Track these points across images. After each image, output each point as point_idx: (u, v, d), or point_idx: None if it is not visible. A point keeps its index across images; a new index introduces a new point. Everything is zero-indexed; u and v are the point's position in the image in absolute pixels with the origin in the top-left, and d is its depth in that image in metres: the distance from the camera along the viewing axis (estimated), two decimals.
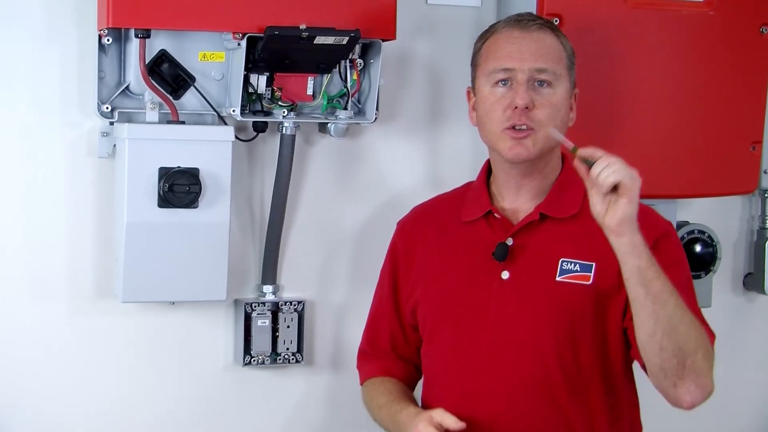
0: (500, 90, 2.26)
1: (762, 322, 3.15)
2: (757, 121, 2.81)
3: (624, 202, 2.03)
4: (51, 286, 2.57)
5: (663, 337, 2.06)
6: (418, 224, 2.44)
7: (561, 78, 2.27)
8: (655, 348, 2.07)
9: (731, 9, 2.73)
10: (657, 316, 2.05)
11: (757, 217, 3.09)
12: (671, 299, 2.06)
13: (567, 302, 2.19)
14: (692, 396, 2.11)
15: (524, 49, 2.26)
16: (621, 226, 2.04)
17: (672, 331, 2.06)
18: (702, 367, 2.09)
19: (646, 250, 2.05)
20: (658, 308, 2.05)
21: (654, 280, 2.05)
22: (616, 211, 2.03)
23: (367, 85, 2.62)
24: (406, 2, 2.69)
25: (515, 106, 2.22)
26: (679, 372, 2.08)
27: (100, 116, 2.51)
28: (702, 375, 2.09)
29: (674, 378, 2.09)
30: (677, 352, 2.07)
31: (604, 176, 2.03)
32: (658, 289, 2.05)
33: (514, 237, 2.27)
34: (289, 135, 2.59)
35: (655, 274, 2.05)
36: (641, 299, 2.06)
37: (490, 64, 2.28)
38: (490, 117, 2.27)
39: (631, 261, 2.05)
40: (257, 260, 2.71)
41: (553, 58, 2.27)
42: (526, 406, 2.22)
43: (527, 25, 2.28)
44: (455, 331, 2.29)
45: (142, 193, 2.42)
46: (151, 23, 2.40)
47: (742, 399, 3.15)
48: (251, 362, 2.67)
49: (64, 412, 2.60)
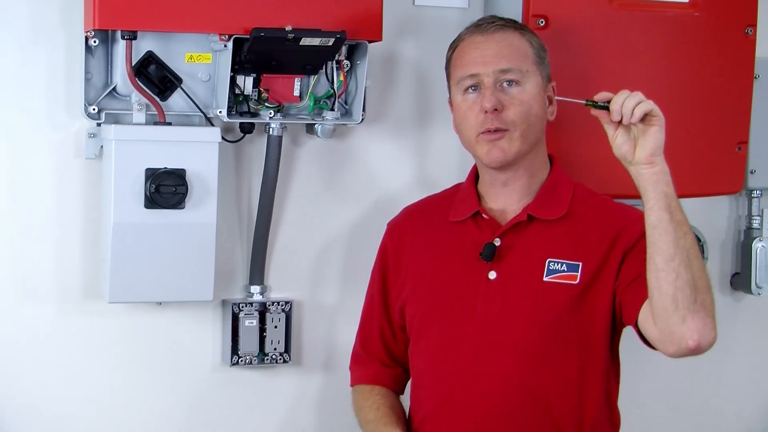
0: (471, 96, 2.29)
1: (749, 321, 3.15)
2: (743, 121, 2.82)
3: (656, 130, 2.10)
4: (38, 286, 2.57)
5: (681, 264, 2.07)
6: (407, 225, 2.45)
7: (529, 75, 2.28)
8: (671, 275, 2.07)
9: (716, 10, 2.73)
10: (677, 243, 2.07)
11: (744, 217, 3.10)
12: (690, 235, 2.09)
13: (554, 302, 2.20)
14: (700, 334, 2.08)
15: (487, 52, 2.28)
16: (654, 156, 2.10)
17: (689, 263, 2.07)
18: (712, 309, 2.10)
19: (671, 180, 2.11)
20: (679, 236, 2.08)
21: (678, 210, 2.10)
22: (647, 142, 2.10)
23: (354, 86, 2.63)
24: (394, 3, 2.70)
25: (485, 110, 2.24)
26: (690, 305, 2.07)
27: (87, 117, 2.51)
28: (710, 317, 2.09)
29: (684, 311, 2.07)
30: (692, 283, 2.07)
31: (630, 107, 2.09)
32: (680, 219, 2.09)
33: (501, 237, 2.29)
34: (276, 136, 2.60)
35: (678, 206, 2.10)
36: (665, 224, 2.08)
37: (458, 72, 2.32)
38: (465, 124, 2.30)
39: (660, 188, 2.10)
40: (245, 261, 2.71)
41: (518, 57, 2.29)
42: (512, 406, 2.23)
43: (487, 28, 2.31)
44: (442, 330, 2.30)
45: (128, 194, 2.42)
46: (137, 25, 2.41)
47: (731, 398, 3.15)
48: (239, 362, 2.68)
49: (52, 412, 2.60)
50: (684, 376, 3.05)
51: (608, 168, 2.67)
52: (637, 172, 2.12)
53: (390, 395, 2.44)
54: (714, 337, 2.10)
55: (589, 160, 2.66)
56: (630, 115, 2.10)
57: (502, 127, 2.25)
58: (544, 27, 2.60)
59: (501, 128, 2.25)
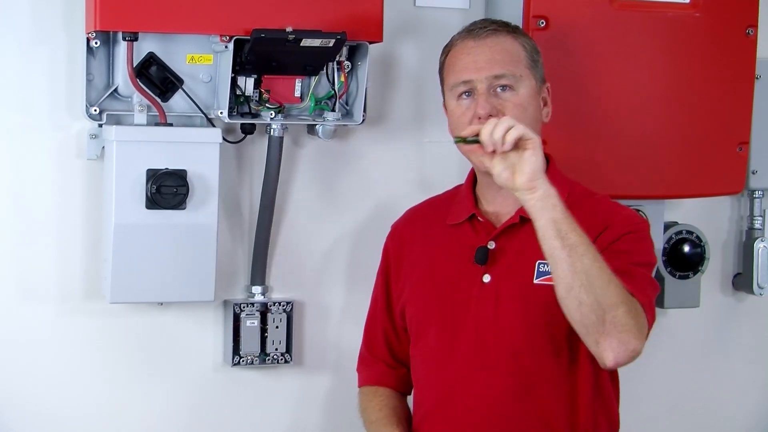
0: (465, 102, 2.29)
1: (751, 322, 3.16)
2: (744, 122, 2.82)
3: (530, 153, 2.04)
4: (40, 287, 2.58)
5: (581, 290, 2.02)
6: (408, 227, 2.46)
7: (522, 79, 2.28)
8: (573, 303, 2.04)
9: (717, 10, 2.73)
10: (574, 269, 2.03)
11: (746, 217, 3.10)
12: (588, 253, 2.03)
13: (544, 304, 2.18)
14: (615, 353, 2.05)
15: (479, 58, 2.28)
16: (533, 180, 2.04)
17: (590, 285, 2.02)
18: (626, 323, 2.04)
19: (560, 202, 2.04)
20: (574, 260, 2.03)
21: (570, 233, 2.03)
22: (524, 166, 2.04)
23: (355, 87, 2.63)
24: (395, 4, 2.70)
25: (479, 116, 2.24)
26: (600, 328, 2.04)
27: (89, 118, 2.52)
28: (625, 331, 2.04)
29: (595, 335, 2.05)
30: (595, 307, 2.03)
31: (500, 134, 2.04)
32: (573, 241, 2.03)
33: (495, 240, 2.29)
34: (277, 137, 2.61)
35: (570, 226, 2.04)
36: (557, 252, 2.04)
37: (451, 78, 2.32)
38: (459, 130, 2.29)
39: (546, 214, 2.04)
40: (246, 261, 2.72)
41: (511, 62, 2.28)
42: (505, 407, 2.23)
43: (479, 33, 2.30)
44: (439, 333, 2.31)
45: (130, 195, 2.43)
46: (138, 26, 2.41)
47: (732, 398, 3.15)
48: (240, 362, 2.68)
49: (53, 412, 2.61)
50: (685, 376, 3.06)
51: (608, 168, 2.71)
52: (522, 199, 2.07)
53: (394, 396, 2.44)
54: (635, 348, 2.06)
55: (588, 160, 2.67)
56: (501, 143, 2.05)
57: None
58: (545, 28, 2.61)
59: None
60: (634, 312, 2.07)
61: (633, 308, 2.07)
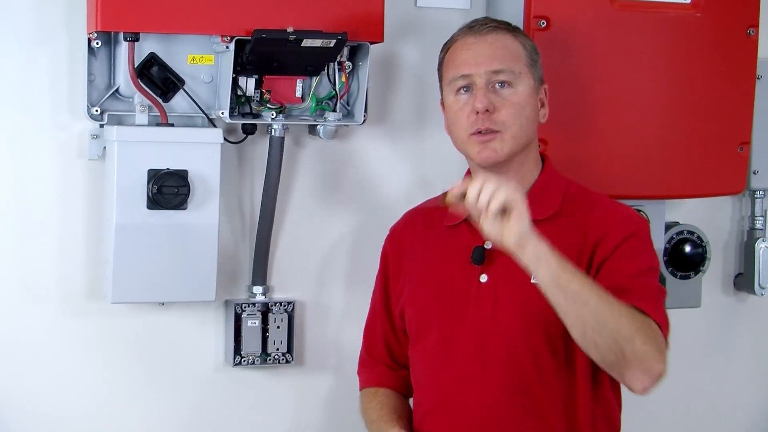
0: (463, 97, 2.30)
1: (752, 322, 3.15)
2: (745, 122, 2.82)
3: (514, 219, 2.02)
4: (41, 287, 2.58)
5: (594, 334, 2.05)
6: (406, 229, 2.46)
7: (521, 76, 2.29)
8: (590, 345, 2.07)
9: (718, 11, 2.73)
10: (582, 316, 2.05)
11: (747, 217, 3.10)
12: (593, 297, 2.04)
13: (542, 304, 2.15)
14: (641, 383, 2.09)
15: (479, 53, 2.29)
16: (521, 241, 2.03)
17: (601, 327, 2.04)
18: (644, 352, 2.06)
19: (554, 255, 2.04)
20: (580, 308, 2.04)
21: (570, 283, 2.04)
22: (510, 230, 2.02)
23: (356, 87, 2.64)
24: (396, 4, 2.71)
25: (476, 110, 2.24)
26: (622, 363, 2.07)
27: (90, 119, 2.52)
28: (647, 359, 2.07)
29: (619, 369, 2.09)
30: (613, 345, 2.05)
31: (485, 201, 2.02)
32: (576, 290, 2.04)
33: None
34: (278, 137, 2.61)
35: (569, 276, 2.04)
36: (562, 304, 2.06)
37: (450, 73, 2.32)
38: (456, 125, 2.30)
39: (542, 271, 2.05)
40: (248, 261, 2.72)
41: (510, 58, 2.29)
42: (504, 406, 2.23)
43: (480, 29, 2.31)
44: (437, 334, 2.31)
45: (131, 195, 2.43)
46: (139, 27, 2.42)
47: (733, 399, 3.15)
48: (241, 362, 2.69)
49: (54, 412, 2.61)
50: (686, 376, 3.05)
51: (609, 168, 2.71)
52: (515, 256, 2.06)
53: (395, 396, 2.44)
54: (660, 372, 2.09)
55: (589, 160, 2.67)
56: (486, 208, 2.03)
57: (494, 128, 2.25)
58: (546, 28, 2.61)
59: (492, 129, 2.25)
60: (652, 336, 2.09)
61: (650, 333, 2.09)
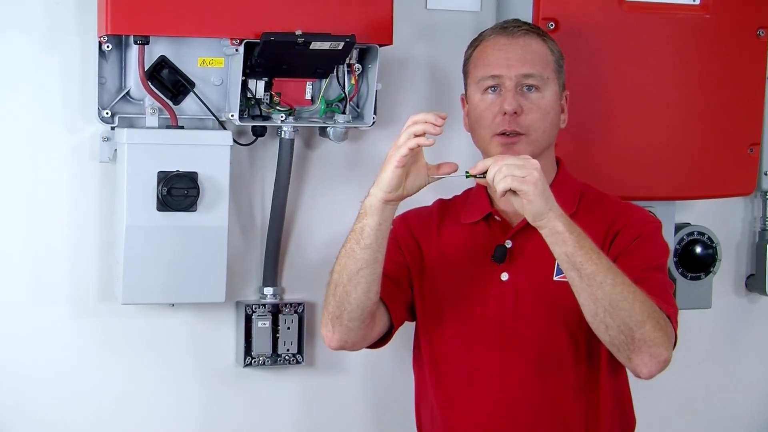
0: (490, 97, 2.30)
1: (764, 323, 3.15)
2: (755, 123, 2.82)
3: (526, 203, 2.06)
4: (53, 288, 2.60)
5: (606, 315, 2.08)
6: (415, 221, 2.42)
7: (549, 82, 2.30)
8: (601, 327, 2.10)
9: (727, 12, 2.73)
10: (595, 297, 2.07)
11: (759, 218, 3.09)
12: (608, 278, 2.07)
13: (564, 301, 2.20)
14: (647, 367, 2.12)
15: (511, 55, 2.30)
16: (536, 221, 2.08)
17: (614, 309, 2.07)
18: (653, 337, 2.09)
19: (571, 234, 2.07)
20: (594, 289, 2.07)
21: (585, 263, 2.07)
22: (524, 209, 2.08)
23: (365, 89, 2.64)
24: (406, 6, 2.72)
25: (504, 111, 2.26)
26: (630, 346, 2.10)
27: (101, 121, 2.54)
28: (655, 345, 2.10)
29: (627, 352, 2.11)
30: (623, 328, 2.08)
31: (496, 182, 2.06)
32: (591, 270, 2.07)
33: (512, 239, 2.30)
34: (288, 139, 2.62)
35: (585, 256, 2.07)
36: (577, 282, 2.09)
37: (479, 71, 2.33)
38: (481, 123, 2.31)
39: (558, 249, 2.09)
40: (258, 263, 2.73)
41: (540, 63, 2.30)
42: (525, 406, 2.25)
43: (513, 31, 2.32)
44: (457, 332, 2.31)
45: (141, 197, 2.45)
46: (150, 30, 2.43)
47: (744, 400, 3.15)
48: (252, 363, 2.70)
49: (66, 413, 2.63)
50: (697, 377, 3.05)
51: (619, 169, 2.71)
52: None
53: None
54: (666, 359, 2.12)
55: (599, 162, 2.67)
56: (498, 189, 2.07)
57: (519, 131, 2.27)
58: (555, 30, 2.61)
59: (518, 132, 2.27)
60: (662, 323, 2.12)
61: (660, 320, 2.12)
